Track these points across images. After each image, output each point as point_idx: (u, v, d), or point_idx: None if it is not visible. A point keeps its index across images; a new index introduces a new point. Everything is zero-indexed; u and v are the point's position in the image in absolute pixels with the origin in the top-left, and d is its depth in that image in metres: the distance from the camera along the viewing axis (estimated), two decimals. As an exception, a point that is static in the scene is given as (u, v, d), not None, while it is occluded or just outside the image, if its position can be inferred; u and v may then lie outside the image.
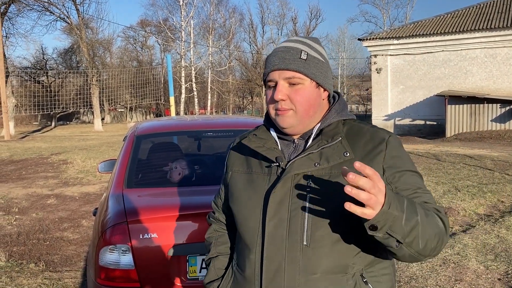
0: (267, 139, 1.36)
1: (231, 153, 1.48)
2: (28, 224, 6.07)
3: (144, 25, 48.45)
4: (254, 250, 1.28)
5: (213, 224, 1.58)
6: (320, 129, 1.30)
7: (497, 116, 18.54)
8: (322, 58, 1.32)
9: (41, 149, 15.70)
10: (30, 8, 29.91)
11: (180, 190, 2.77)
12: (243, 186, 1.36)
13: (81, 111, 42.51)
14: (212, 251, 1.53)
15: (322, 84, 1.30)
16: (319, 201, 1.21)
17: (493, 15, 21.31)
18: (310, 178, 1.23)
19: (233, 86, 47.22)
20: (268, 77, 1.31)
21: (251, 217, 1.30)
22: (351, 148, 1.25)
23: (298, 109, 1.27)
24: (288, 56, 1.27)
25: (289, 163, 1.26)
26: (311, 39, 1.35)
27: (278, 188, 1.24)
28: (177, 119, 4.22)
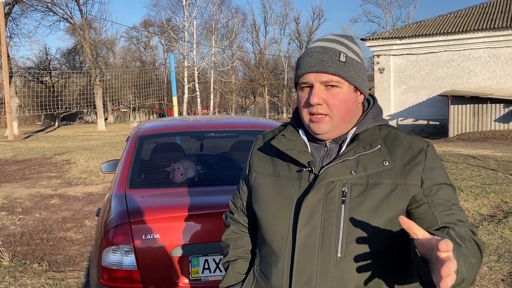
0: (296, 141, 1.29)
1: (254, 153, 1.40)
2: (31, 224, 6.09)
3: (147, 25, 48.58)
4: (283, 259, 1.21)
5: (231, 225, 1.50)
6: (355, 134, 1.23)
7: (500, 116, 18.48)
8: (359, 59, 1.25)
9: (45, 149, 15.75)
10: (34, 8, 30.03)
11: (182, 191, 2.77)
12: (269, 189, 1.29)
13: (85, 111, 42.63)
14: (231, 254, 1.46)
15: (360, 88, 1.23)
16: (355, 212, 1.15)
17: (496, 15, 21.24)
18: (345, 186, 1.17)
19: (235, 86, 47.24)
20: (302, 78, 1.22)
21: (279, 224, 1.23)
22: (390, 156, 1.19)
23: (334, 115, 1.20)
24: (326, 57, 1.19)
25: (323, 169, 1.20)
26: (347, 38, 1.27)
27: (311, 196, 1.17)
28: (179, 119, 4.23)
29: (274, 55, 52.55)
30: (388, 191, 1.15)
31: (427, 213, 1.16)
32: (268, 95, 50.10)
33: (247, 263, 1.44)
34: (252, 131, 3.62)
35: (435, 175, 1.18)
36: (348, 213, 1.15)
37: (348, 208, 1.15)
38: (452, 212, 1.16)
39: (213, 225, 2.32)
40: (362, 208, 1.14)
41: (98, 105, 31.16)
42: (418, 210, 1.16)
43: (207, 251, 2.32)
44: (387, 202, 1.14)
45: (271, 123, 3.77)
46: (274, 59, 52.17)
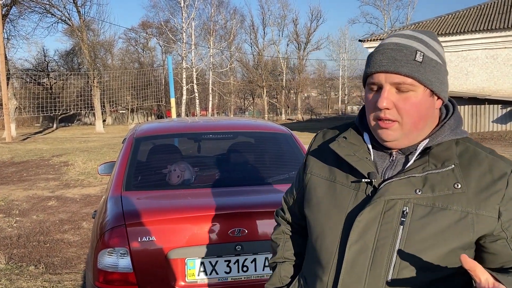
0: (358, 145, 1.16)
1: (311, 152, 1.29)
2: (28, 226, 6.07)
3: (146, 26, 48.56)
4: (328, 273, 1.12)
5: (282, 224, 1.43)
6: (427, 147, 1.09)
7: (498, 117, 18.51)
8: (440, 60, 1.09)
9: (42, 151, 15.72)
10: (32, 10, 30.00)
11: (179, 193, 2.77)
12: (323, 194, 1.18)
13: (83, 113, 42.59)
14: (279, 255, 1.39)
15: (438, 92, 1.07)
16: (414, 235, 1.02)
17: (494, 16, 21.29)
18: (407, 206, 1.04)
19: (234, 87, 47.28)
20: (371, 78, 1.08)
21: (329, 235, 1.14)
22: (464, 179, 1.04)
23: (405, 121, 1.06)
24: (400, 56, 1.04)
25: (384, 184, 1.07)
26: (428, 34, 1.11)
27: (366, 211, 1.06)
28: (177, 121, 4.22)
29: (272, 56, 52.61)
30: (456, 219, 1.01)
31: (504, 249, 1.02)
32: (267, 96, 50.12)
33: (293, 267, 1.38)
34: (250, 133, 3.62)
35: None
36: (406, 235, 1.03)
37: (408, 230, 1.03)
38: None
39: (209, 228, 2.31)
40: (423, 233, 1.02)
41: (96, 106, 31.13)
42: (493, 245, 1.03)
43: (203, 253, 2.31)
44: (453, 231, 1.01)
45: (270, 124, 3.77)
46: (273, 60, 52.20)
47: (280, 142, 3.42)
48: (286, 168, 3.17)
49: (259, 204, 2.57)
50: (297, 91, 53.18)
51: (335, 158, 1.19)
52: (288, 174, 3.06)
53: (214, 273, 2.34)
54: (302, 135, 20.57)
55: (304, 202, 1.27)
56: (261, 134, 3.56)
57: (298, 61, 52.79)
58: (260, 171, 3.19)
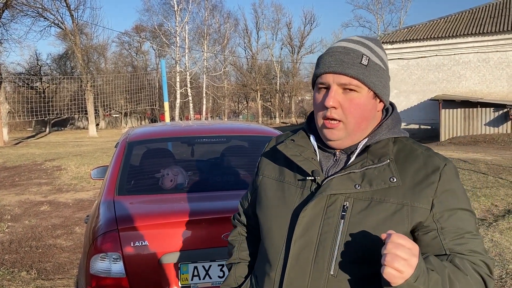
0: (305, 147, 1.22)
1: (264, 156, 1.36)
2: (20, 231, 6.02)
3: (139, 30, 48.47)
4: (275, 268, 1.17)
5: (238, 226, 1.48)
6: (366, 146, 1.15)
7: (491, 120, 18.64)
8: (383, 65, 1.16)
9: (35, 155, 15.61)
10: (24, 14, 29.83)
11: (172, 197, 2.75)
12: (272, 194, 1.25)
13: (76, 117, 42.39)
14: (234, 256, 1.44)
15: (380, 94, 1.15)
16: (354, 229, 1.08)
17: (486, 20, 21.48)
18: (348, 201, 1.10)
19: (228, 91, 47.27)
20: (320, 78, 1.15)
21: (277, 232, 1.19)
22: (400, 173, 1.10)
23: (349, 121, 1.12)
24: (347, 59, 1.11)
25: (326, 180, 1.13)
26: (373, 41, 1.19)
27: (310, 207, 1.11)
28: (170, 125, 4.21)
29: (266, 60, 52.70)
30: (392, 211, 1.07)
31: (435, 241, 1.07)
32: (260, 100, 50.16)
33: (248, 267, 1.42)
34: (243, 137, 3.61)
35: (449, 199, 1.08)
36: (346, 229, 1.08)
37: (348, 224, 1.08)
38: (464, 242, 1.07)
39: (202, 232, 2.30)
40: (362, 226, 1.07)
41: (90, 110, 30.98)
42: (425, 236, 1.08)
43: (197, 258, 2.30)
44: (389, 222, 1.07)
45: (263, 128, 3.77)
46: (267, 64, 52.30)
47: (273, 146, 3.41)
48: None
49: (252, 208, 2.56)
50: (291, 95, 53.28)
51: (285, 159, 1.25)
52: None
53: (208, 278, 2.32)
54: (296, 139, 20.61)
55: (256, 204, 1.33)
56: (255, 138, 3.56)
57: (292, 64, 52.94)
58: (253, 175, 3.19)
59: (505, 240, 4.71)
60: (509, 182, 7.85)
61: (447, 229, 1.07)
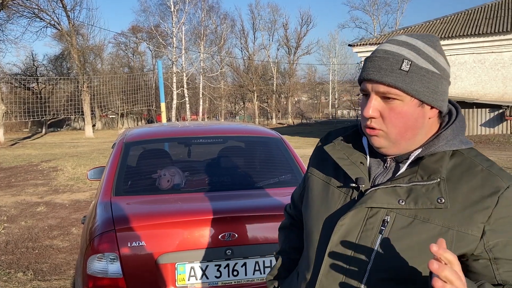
0: (355, 149, 1.16)
1: (315, 152, 1.30)
2: (16, 232, 6.00)
3: (136, 31, 48.45)
4: (311, 270, 1.16)
5: (287, 218, 1.49)
6: (419, 157, 1.05)
7: (486, 120, 18.73)
8: (434, 67, 1.02)
9: (31, 156, 15.57)
10: (20, 14, 29.78)
11: (169, 198, 2.76)
12: (317, 195, 1.20)
13: (72, 118, 42.28)
14: (281, 248, 1.46)
15: (429, 102, 1.02)
16: (392, 246, 1.01)
17: (481, 21, 21.58)
18: (389, 215, 1.03)
19: (225, 92, 47.28)
20: (362, 85, 1.08)
21: (315, 235, 1.16)
22: (452, 193, 1.00)
23: (390, 131, 1.04)
24: (385, 65, 1.01)
25: (370, 190, 1.06)
26: (425, 39, 1.04)
27: (349, 216, 1.06)
28: (167, 125, 4.21)
29: (263, 60, 52.74)
30: (435, 234, 0.98)
31: (486, 269, 0.98)
32: (257, 100, 50.20)
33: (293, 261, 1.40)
34: (240, 137, 3.63)
35: (506, 227, 0.97)
36: (383, 245, 1.02)
37: (386, 240, 1.02)
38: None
39: (199, 232, 2.31)
40: (401, 244, 1.00)
41: (86, 111, 30.92)
42: (475, 264, 0.99)
43: (193, 258, 2.30)
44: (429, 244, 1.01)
45: (260, 129, 3.78)
46: (263, 65, 52.35)
47: (270, 147, 3.43)
48: (276, 172, 3.18)
49: (249, 209, 2.57)
50: (287, 96, 53.36)
51: (333, 160, 1.18)
52: (278, 178, 3.07)
53: (205, 278, 2.33)
54: (292, 139, 20.65)
55: (303, 200, 1.30)
56: (252, 138, 3.57)
57: (289, 65, 53.02)
58: (250, 176, 3.20)
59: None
60: (504, 182, 7.88)
61: (502, 260, 0.97)
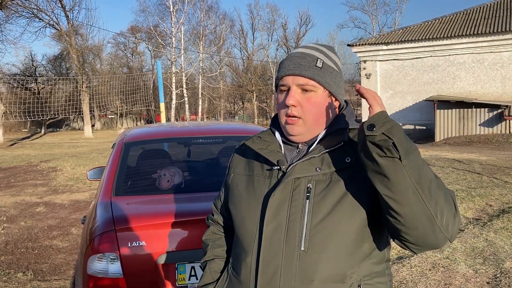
0: (271, 142, 1.35)
1: (234, 155, 1.48)
2: (16, 232, 6.00)
3: (135, 31, 48.37)
4: (251, 254, 1.25)
5: (212, 226, 1.57)
6: (324, 135, 1.29)
7: (485, 120, 18.75)
8: (337, 68, 1.32)
9: (30, 157, 15.56)
10: (19, 14, 29.74)
11: (169, 198, 2.76)
12: (243, 188, 1.35)
13: (71, 118, 42.24)
14: (209, 254, 1.51)
15: (335, 93, 1.30)
16: (319, 207, 1.19)
17: (480, 21, 21.60)
18: (311, 183, 1.22)
19: (224, 92, 47.24)
20: (281, 81, 1.30)
21: (249, 220, 1.28)
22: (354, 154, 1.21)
23: (307, 118, 1.26)
24: (304, 62, 1.26)
25: (290, 167, 1.25)
26: (327, 47, 1.34)
27: (277, 192, 1.22)
28: (166, 125, 4.21)
29: (262, 61, 52.73)
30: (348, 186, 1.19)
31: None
32: (256, 100, 50.18)
33: (223, 262, 1.48)
34: (239, 137, 3.62)
35: None
36: (312, 208, 1.19)
37: (312, 203, 1.20)
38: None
39: (199, 232, 2.31)
40: (325, 203, 1.19)
41: (85, 111, 30.89)
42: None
43: (194, 258, 2.31)
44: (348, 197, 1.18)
45: (259, 128, 3.78)
46: (262, 65, 52.32)
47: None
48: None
49: (249, 208, 2.58)
50: (286, 96, 53.22)
51: (253, 155, 1.38)
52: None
53: (205, 278, 2.33)
54: (292, 139, 20.64)
55: (228, 201, 1.42)
56: (251, 138, 3.56)
57: (288, 65, 52.88)
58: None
59: (499, 239, 4.75)
60: (503, 182, 7.90)
61: None
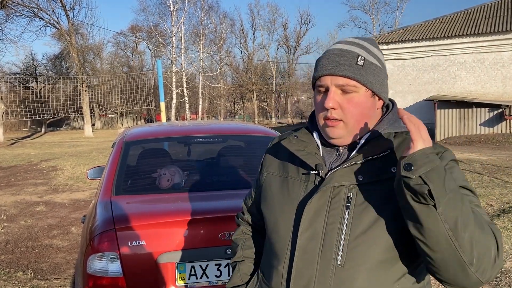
0: (308, 142, 1.25)
1: (268, 154, 1.39)
2: (16, 231, 6.00)
3: (135, 30, 48.41)
4: (283, 261, 1.19)
5: (241, 225, 1.51)
6: (368, 140, 1.18)
7: (486, 120, 18.74)
8: (380, 64, 1.20)
9: (31, 156, 15.56)
10: (20, 14, 29.74)
11: (169, 197, 2.76)
12: (277, 190, 1.27)
13: (71, 117, 42.23)
14: (238, 254, 1.45)
15: (378, 93, 1.18)
16: (360, 218, 1.10)
17: (481, 21, 21.58)
18: (351, 192, 1.12)
19: (224, 91, 47.25)
20: (318, 81, 1.19)
21: (283, 225, 1.21)
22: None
23: (349, 120, 1.16)
24: (343, 60, 1.15)
25: (330, 173, 1.16)
26: (368, 40, 1.22)
27: (314, 199, 1.14)
28: (166, 125, 4.21)
29: (262, 60, 52.73)
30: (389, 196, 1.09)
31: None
32: (257, 100, 50.17)
33: (253, 265, 1.43)
34: (240, 136, 3.62)
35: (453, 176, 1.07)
36: (352, 219, 1.10)
37: (352, 214, 1.10)
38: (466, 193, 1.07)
39: (199, 231, 2.31)
40: (366, 215, 1.09)
41: (85, 111, 30.89)
42: None
43: (194, 257, 2.30)
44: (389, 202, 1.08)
45: (260, 128, 3.78)
46: (263, 64, 52.31)
47: (270, 146, 3.43)
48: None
49: (249, 208, 2.58)
50: (287, 95, 53.34)
51: (288, 155, 1.28)
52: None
53: (205, 277, 2.33)
54: (292, 139, 20.63)
55: (260, 201, 1.35)
56: (251, 137, 3.57)
57: (288, 65, 53.00)
58: (250, 175, 3.20)
59: (499, 239, 4.75)
60: (503, 182, 7.89)
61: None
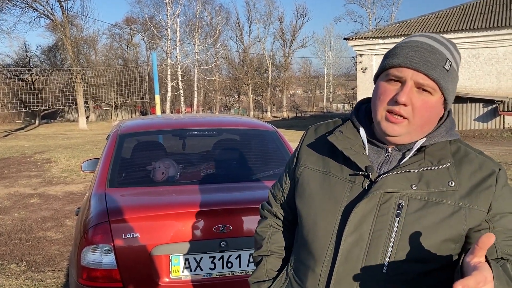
0: (354, 140, 1.17)
1: (303, 146, 1.28)
2: (10, 224, 5.98)
3: (130, 22, 48.09)
4: (321, 264, 1.13)
5: (268, 218, 1.40)
6: (422, 146, 1.11)
7: (480, 115, 18.85)
8: (458, 70, 1.13)
9: (24, 148, 15.48)
10: (13, 4, 29.47)
11: (163, 190, 2.76)
12: (316, 187, 1.19)
13: (66, 109, 42.02)
14: (264, 248, 1.37)
15: (449, 100, 1.11)
16: (410, 228, 1.05)
17: (476, 16, 21.62)
18: (403, 199, 1.07)
19: (219, 84, 47.14)
20: (396, 70, 1.07)
21: (323, 226, 1.14)
22: (456, 177, 1.08)
23: (415, 121, 1.07)
24: (433, 59, 1.05)
25: (381, 177, 1.09)
26: (453, 44, 1.13)
27: (363, 203, 1.08)
28: (161, 117, 4.20)
29: (258, 53, 52.59)
30: (449, 213, 1.05)
31: None
32: (252, 94, 50.11)
33: (281, 260, 1.36)
34: (235, 130, 3.62)
35: (502, 203, 1.07)
36: (402, 227, 1.05)
37: (403, 222, 1.05)
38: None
39: (193, 224, 2.31)
40: (419, 225, 1.05)
41: (79, 103, 30.73)
42: (477, 234, 1.05)
43: (188, 250, 2.31)
44: (447, 223, 1.04)
45: (255, 121, 3.78)
46: (258, 58, 52.19)
47: (265, 139, 3.43)
48: (271, 165, 3.19)
49: (243, 201, 2.58)
50: (282, 89, 53.29)
51: (330, 151, 1.20)
52: (273, 171, 3.07)
53: (199, 270, 2.34)
54: (287, 133, 20.64)
55: (295, 195, 1.26)
56: (246, 131, 3.57)
57: (284, 58, 52.91)
58: (245, 168, 3.20)
59: (492, 233, 4.79)
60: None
61: (499, 230, 1.05)
